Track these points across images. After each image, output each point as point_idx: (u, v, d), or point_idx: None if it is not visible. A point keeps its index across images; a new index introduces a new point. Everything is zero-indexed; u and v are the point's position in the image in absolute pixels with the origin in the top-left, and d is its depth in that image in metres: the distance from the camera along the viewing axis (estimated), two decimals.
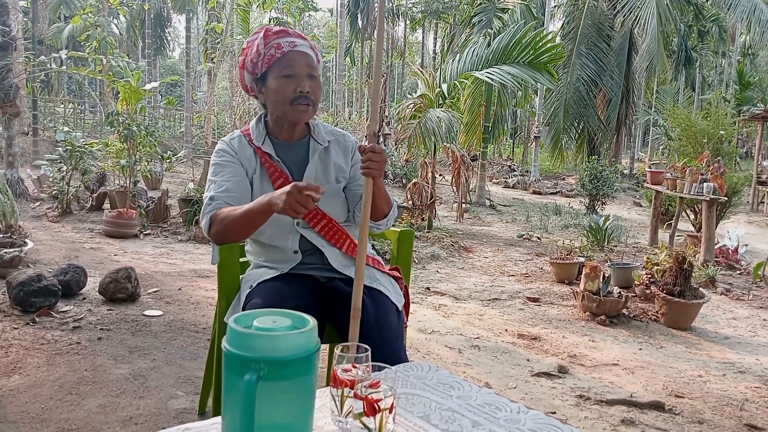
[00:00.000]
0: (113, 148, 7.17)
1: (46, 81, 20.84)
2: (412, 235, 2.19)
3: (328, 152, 1.89)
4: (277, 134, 1.86)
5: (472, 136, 11.45)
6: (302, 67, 1.76)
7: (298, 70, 1.75)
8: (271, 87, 1.77)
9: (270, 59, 1.75)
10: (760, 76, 25.72)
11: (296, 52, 1.76)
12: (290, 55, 1.75)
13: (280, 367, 0.93)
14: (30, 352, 2.85)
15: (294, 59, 1.75)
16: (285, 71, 1.75)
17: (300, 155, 1.87)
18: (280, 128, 1.85)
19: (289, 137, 1.87)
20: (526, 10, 13.56)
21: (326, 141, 1.89)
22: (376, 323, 1.64)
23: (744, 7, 14.45)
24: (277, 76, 1.75)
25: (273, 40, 1.77)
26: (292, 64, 1.75)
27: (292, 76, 1.74)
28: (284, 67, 1.75)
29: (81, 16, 8.68)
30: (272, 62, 1.75)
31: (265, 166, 1.82)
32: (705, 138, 11.44)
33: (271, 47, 1.75)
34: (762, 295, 5.26)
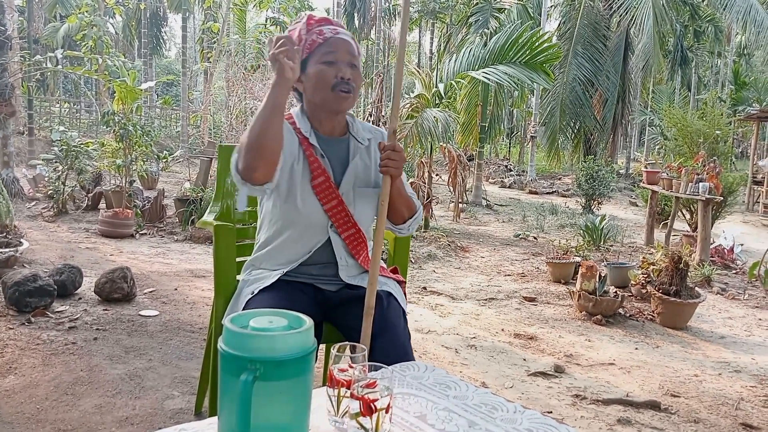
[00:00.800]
0: (109, 147, 7.15)
1: (41, 80, 20.79)
2: (408, 235, 2.19)
3: (368, 152, 1.83)
4: (318, 127, 1.79)
5: (469, 136, 11.46)
6: (344, 54, 1.71)
7: (340, 56, 1.70)
8: (311, 72, 1.71)
9: (312, 45, 1.70)
10: (756, 76, 25.79)
11: (338, 38, 1.72)
12: (332, 41, 1.71)
13: (276, 367, 0.92)
14: (25, 353, 2.84)
15: (336, 45, 1.71)
16: (327, 57, 1.69)
17: (342, 153, 1.81)
18: (320, 121, 1.78)
19: (329, 131, 1.80)
20: (523, 10, 13.57)
21: (366, 139, 1.84)
22: (384, 323, 1.64)
23: (739, 8, 14.48)
24: (318, 61, 1.70)
25: (315, 26, 1.73)
26: (335, 50, 1.70)
27: (333, 63, 1.69)
28: (326, 53, 1.70)
29: (77, 16, 8.66)
30: (314, 48, 1.70)
31: (309, 159, 1.74)
32: (701, 138, 11.47)
33: (313, 33, 1.71)
34: (757, 295, 5.28)
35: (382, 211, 1.63)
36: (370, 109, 9.03)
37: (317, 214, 1.73)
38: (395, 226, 1.83)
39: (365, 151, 1.83)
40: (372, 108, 8.75)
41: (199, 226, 2.40)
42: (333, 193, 1.73)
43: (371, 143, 1.85)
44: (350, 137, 1.83)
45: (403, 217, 1.81)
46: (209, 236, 5.95)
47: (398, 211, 1.78)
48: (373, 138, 1.86)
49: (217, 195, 2.23)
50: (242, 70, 11.53)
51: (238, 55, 14.19)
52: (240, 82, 10.72)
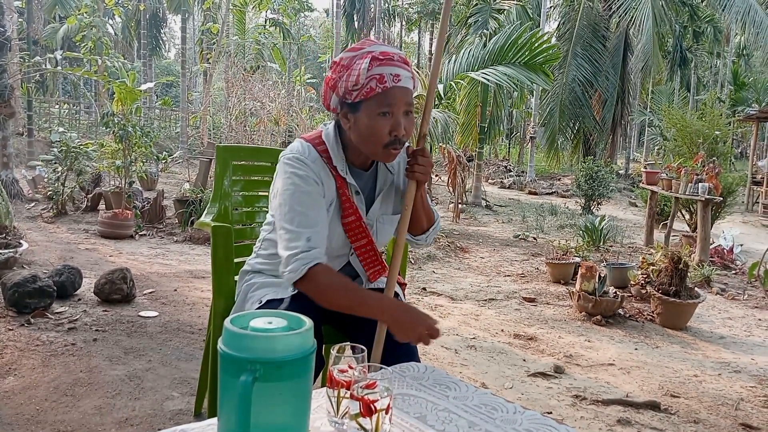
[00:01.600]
0: (108, 148, 7.15)
1: (41, 81, 20.79)
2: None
3: (395, 178, 1.75)
4: (353, 160, 1.67)
5: (468, 137, 11.46)
6: (401, 105, 1.55)
7: (396, 109, 1.55)
8: (364, 122, 1.55)
9: (369, 92, 1.53)
10: (755, 76, 25.81)
11: (398, 87, 1.54)
12: (392, 91, 1.53)
13: (276, 368, 0.92)
14: (25, 354, 2.84)
15: (395, 97, 1.54)
16: (383, 108, 1.53)
17: (369, 186, 1.72)
18: (356, 156, 1.66)
19: (362, 166, 1.70)
20: (522, 11, 13.58)
21: (394, 164, 1.73)
22: None
23: (739, 8, 14.49)
24: (372, 112, 1.54)
25: (375, 68, 1.53)
26: (392, 102, 1.54)
27: (389, 115, 1.54)
28: (382, 104, 1.53)
29: (76, 17, 8.67)
30: (369, 96, 1.53)
31: (342, 198, 1.64)
32: (700, 138, 11.47)
33: (372, 78, 1.52)
34: (757, 295, 5.28)
35: (405, 216, 1.58)
36: None
37: (341, 250, 1.69)
38: (414, 237, 1.77)
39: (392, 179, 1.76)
40: None
41: (198, 227, 2.40)
42: (363, 232, 1.68)
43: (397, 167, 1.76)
44: (379, 166, 1.73)
45: (423, 227, 1.76)
46: (208, 237, 5.93)
47: (419, 222, 1.72)
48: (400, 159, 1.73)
49: (214, 196, 2.23)
50: (242, 71, 11.54)
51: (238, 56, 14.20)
52: (239, 83, 10.72)
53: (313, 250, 1.49)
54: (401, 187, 1.75)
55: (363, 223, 1.67)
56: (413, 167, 1.58)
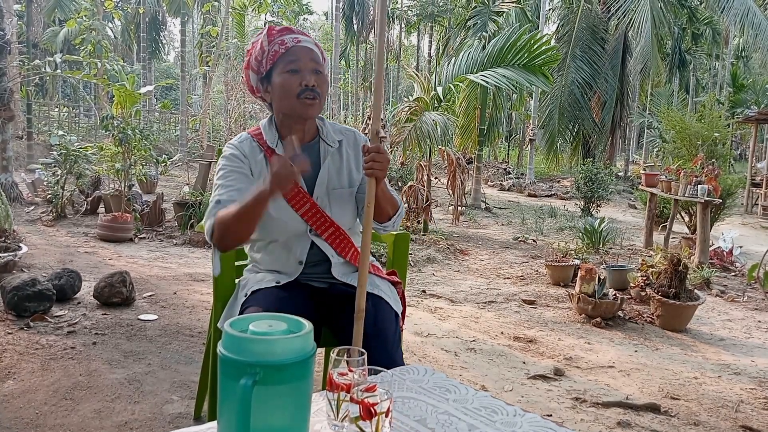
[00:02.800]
0: (108, 151, 7.15)
1: (40, 85, 20.80)
2: (407, 239, 2.19)
3: (340, 153, 1.85)
4: (286, 134, 1.80)
5: (468, 139, 11.47)
6: (307, 62, 1.73)
7: (303, 64, 1.72)
8: (277, 82, 1.73)
9: (274, 55, 1.73)
10: (754, 78, 25.84)
11: (300, 47, 1.74)
12: (294, 49, 1.73)
13: (276, 371, 0.92)
14: (24, 357, 2.84)
15: (299, 54, 1.73)
16: (290, 66, 1.72)
17: (312, 158, 1.79)
18: (289, 129, 1.79)
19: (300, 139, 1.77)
20: (521, 13, 13.61)
21: (336, 141, 1.85)
22: (374, 328, 1.65)
23: (737, 10, 14.51)
24: (281, 71, 1.72)
25: (277, 37, 1.75)
26: (297, 58, 1.72)
27: (297, 71, 1.71)
28: (289, 62, 1.72)
29: (76, 20, 8.68)
30: (276, 58, 1.73)
31: None
32: (699, 140, 11.49)
33: (275, 44, 1.73)
34: (757, 297, 5.28)
35: (368, 213, 1.62)
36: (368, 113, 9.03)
37: (294, 221, 1.76)
38: (380, 224, 1.82)
39: (336, 152, 1.85)
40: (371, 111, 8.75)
41: (198, 230, 2.40)
42: (304, 197, 1.76)
43: (342, 144, 1.86)
44: (320, 141, 1.84)
45: (388, 214, 1.82)
46: None
47: (383, 210, 1.78)
48: (345, 138, 1.88)
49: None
50: (241, 74, 11.54)
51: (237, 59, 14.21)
52: (239, 86, 10.73)
53: (218, 206, 1.65)
54: (353, 169, 1.87)
55: (301, 189, 1.75)
56: (371, 165, 1.62)
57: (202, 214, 6.33)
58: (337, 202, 1.81)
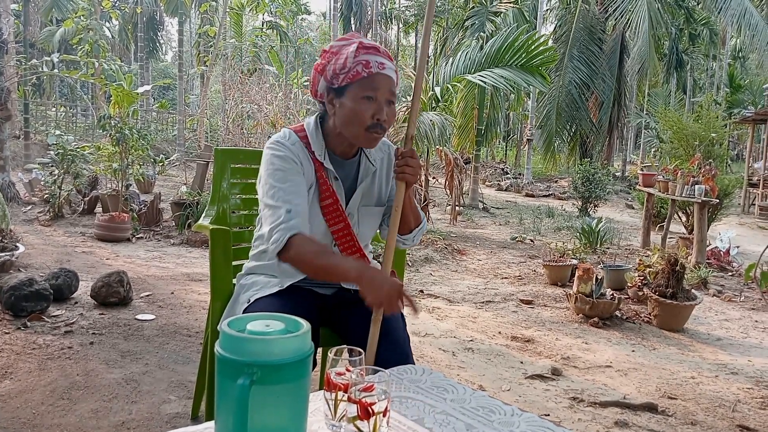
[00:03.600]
0: (105, 151, 7.14)
1: (37, 84, 20.76)
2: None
3: (376, 175, 1.80)
4: (334, 147, 1.74)
5: (465, 139, 11.47)
6: (385, 92, 1.64)
7: (380, 94, 1.63)
8: (348, 105, 1.63)
9: (355, 76, 1.61)
10: (751, 78, 25.91)
11: (383, 75, 1.63)
12: (377, 77, 1.62)
13: (273, 371, 0.92)
14: (21, 357, 2.83)
15: (379, 83, 1.63)
16: (367, 93, 1.62)
17: (351, 174, 1.77)
18: (338, 143, 1.73)
19: (344, 154, 1.76)
20: (519, 14, 13.63)
21: (377, 160, 1.80)
22: (386, 328, 1.64)
23: (734, 11, 14.55)
24: (357, 95, 1.62)
25: (362, 55, 1.63)
26: (377, 87, 1.62)
27: (373, 100, 1.62)
28: (367, 88, 1.62)
29: (73, 20, 8.66)
30: (355, 80, 1.62)
31: (320, 182, 1.70)
32: (696, 140, 11.52)
33: (359, 63, 1.62)
34: (754, 297, 5.29)
35: (395, 216, 1.61)
36: None
37: (322, 235, 1.72)
38: (402, 236, 1.80)
39: (373, 173, 1.80)
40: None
41: (195, 230, 2.40)
42: (340, 216, 1.72)
43: (380, 162, 1.82)
44: (362, 157, 1.79)
45: (411, 227, 1.80)
46: (206, 240, 5.94)
47: (407, 221, 1.75)
48: (383, 156, 1.83)
49: (213, 198, 2.23)
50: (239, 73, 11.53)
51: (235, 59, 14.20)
52: (236, 85, 10.72)
53: (293, 221, 1.56)
54: (383, 184, 1.82)
55: (340, 206, 1.72)
56: (403, 168, 1.61)
57: (199, 214, 6.32)
58: (364, 219, 1.79)
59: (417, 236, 1.84)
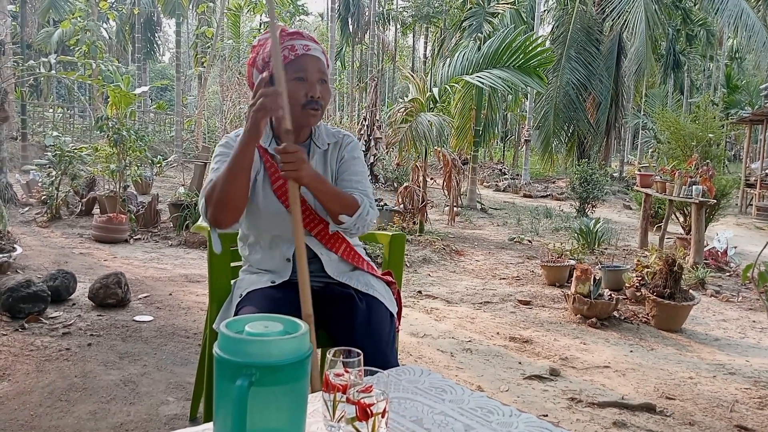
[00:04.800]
0: (103, 152, 7.13)
1: (35, 85, 20.75)
2: (403, 239, 2.19)
3: (325, 155, 1.87)
4: (280, 135, 1.80)
5: (463, 140, 11.49)
6: (314, 71, 1.73)
7: (310, 74, 1.72)
8: None
9: (283, 60, 1.69)
10: (748, 79, 25.96)
11: (309, 56, 1.73)
12: (303, 58, 1.72)
13: (272, 372, 0.92)
14: (19, 359, 2.83)
15: (307, 63, 1.72)
16: (297, 74, 1.71)
17: None
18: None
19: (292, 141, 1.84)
20: (516, 15, 13.64)
21: (326, 144, 1.87)
22: (368, 329, 1.65)
23: (731, 12, 14.58)
24: (288, 78, 1.68)
25: (287, 41, 1.74)
26: (305, 67, 1.71)
27: (303, 80, 1.71)
28: (297, 70, 1.71)
29: (70, 21, 8.64)
30: (285, 63, 1.69)
31: (267, 166, 1.79)
32: (694, 141, 11.54)
33: (284, 48, 1.72)
34: (751, 297, 5.30)
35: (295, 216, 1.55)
36: (364, 113, 9.04)
37: (281, 215, 1.76)
38: (337, 225, 1.78)
39: (323, 154, 1.86)
40: (366, 112, 8.76)
41: (194, 231, 2.40)
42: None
43: (330, 147, 1.87)
44: (311, 143, 1.86)
45: (337, 214, 1.75)
46: (204, 241, 5.94)
47: (331, 211, 1.73)
48: (337, 142, 1.89)
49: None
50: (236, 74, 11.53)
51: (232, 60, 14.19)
52: (234, 86, 10.72)
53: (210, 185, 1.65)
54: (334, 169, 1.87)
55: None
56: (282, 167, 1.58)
57: (197, 215, 6.32)
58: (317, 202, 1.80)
59: (358, 222, 1.77)
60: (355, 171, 1.86)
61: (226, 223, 1.68)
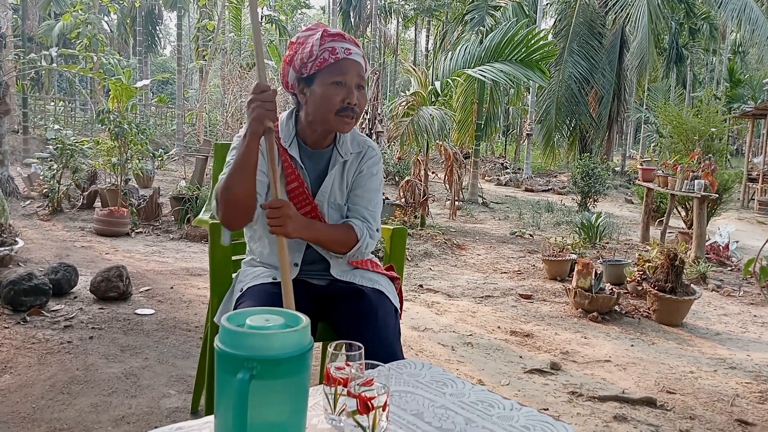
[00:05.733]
0: (104, 146, 7.13)
1: (36, 79, 20.72)
2: (404, 233, 2.19)
3: (345, 166, 1.81)
4: (305, 137, 1.77)
5: (465, 134, 11.47)
6: (354, 76, 1.67)
7: (349, 78, 1.66)
8: (318, 92, 1.67)
9: (322, 63, 1.65)
10: (751, 73, 25.87)
11: (350, 60, 1.67)
12: (344, 62, 1.66)
13: (273, 365, 0.92)
14: (21, 352, 2.83)
15: (347, 67, 1.66)
16: (336, 78, 1.65)
17: (321, 165, 1.79)
18: (311, 132, 1.76)
19: (316, 143, 1.78)
20: (519, 8, 13.57)
21: (349, 154, 1.81)
22: (375, 322, 1.65)
23: (734, 5, 14.53)
24: (326, 81, 1.66)
25: (328, 42, 1.67)
26: (345, 72, 1.66)
27: (341, 84, 1.66)
28: (336, 74, 1.65)
29: (71, 14, 8.62)
30: (323, 66, 1.65)
31: (284, 166, 1.74)
32: (696, 135, 11.51)
33: (325, 50, 1.65)
34: (753, 292, 5.30)
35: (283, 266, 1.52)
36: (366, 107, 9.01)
37: None
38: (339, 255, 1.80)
39: (341, 165, 1.81)
40: (368, 105, 8.74)
41: (195, 225, 2.41)
42: (307, 199, 1.74)
43: (353, 158, 1.82)
44: (334, 150, 1.80)
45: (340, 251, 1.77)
46: (205, 234, 5.94)
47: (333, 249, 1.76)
48: (360, 152, 1.83)
49: (212, 193, 2.22)
50: (238, 68, 11.52)
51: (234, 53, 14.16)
52: (235, 80, 10.70)
53: None
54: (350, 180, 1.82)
55: (306, 190, 1.74)
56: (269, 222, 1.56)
57: (198, 209, 6.32)
58: (333, 213, 1.80)
59: (356, 254, 1.80)
60: (369, 188, 1.82)
61: (236, 224, 1.67)
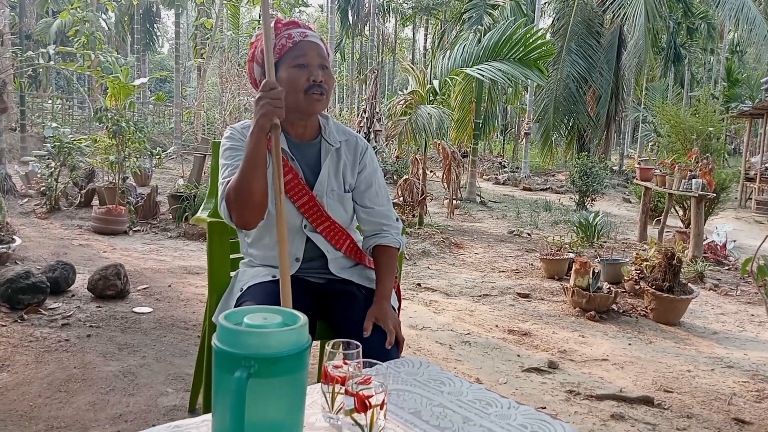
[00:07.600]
0: (102, 144, 7.11)
1: (34, 77, 20.69)
2: (402, 232, 2.19)
3: (339, 154, 1.83)
4: (289, 130, 1.79)
5: (463, 133, 11.47)
6: (314, 57, 1.70)
7: (310, 59, 1.69)
8: (283, 77, 1.68)
9: (281, 49, 1.70)
10: (748, 73, 25.89)
11: (308, 41, 1.71)
12: (302, 44, 1.70)
13: (270, 364, 0.92)
14: (18, 350, 2.83)
15: (306, 48, 1.70)
16: (297, 61, 1.69)
17: (312, 156, 1.81)
18: (291, 124, 1.78)
19: (300, 135, 1.80)
20: (517, 7, 13.59)
21: (338, 142, 1.83)
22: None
23: (732, 5, 14.53)
24: (288, 66, 1.69)
25: (284, 30, 1.72)
26: (304, 53, 1.70)
27: (304, 66, 1.69)
28: (296, 56, 1.69)
29: (69, 11, 8.59)
30: (284, 52, 1.70)
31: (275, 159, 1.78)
32: (694, 134, 11.52)
33: (281, 38, 1.71)
34: (750, 291, 5.31)
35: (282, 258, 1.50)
36: (364, 106, 9.02)
37: (290, 213, 1.72)
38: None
39: (335, 153, 1.82)
40: (366, 104, 8.75)
41: (193, 223, 2.41)
42: (303, 189, 1.74)
43: (342, 145, 1.84)
44: (322, 140, 1.82)
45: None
46: (203, 233, 5.94)
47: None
48: (349, 141, 1.86)
49: (211, 191, 2.22)
50: (236, 66, 11.49)
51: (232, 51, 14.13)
52: (233, 78, 10.68)
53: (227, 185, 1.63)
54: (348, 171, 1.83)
55: (301, 181, 1.74)
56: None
57: (196, 207, 6.32)
58: (332, 203, 1.80)
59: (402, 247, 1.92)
60: (380, 184, 1.88)
61: (253, 223, 1.66)
